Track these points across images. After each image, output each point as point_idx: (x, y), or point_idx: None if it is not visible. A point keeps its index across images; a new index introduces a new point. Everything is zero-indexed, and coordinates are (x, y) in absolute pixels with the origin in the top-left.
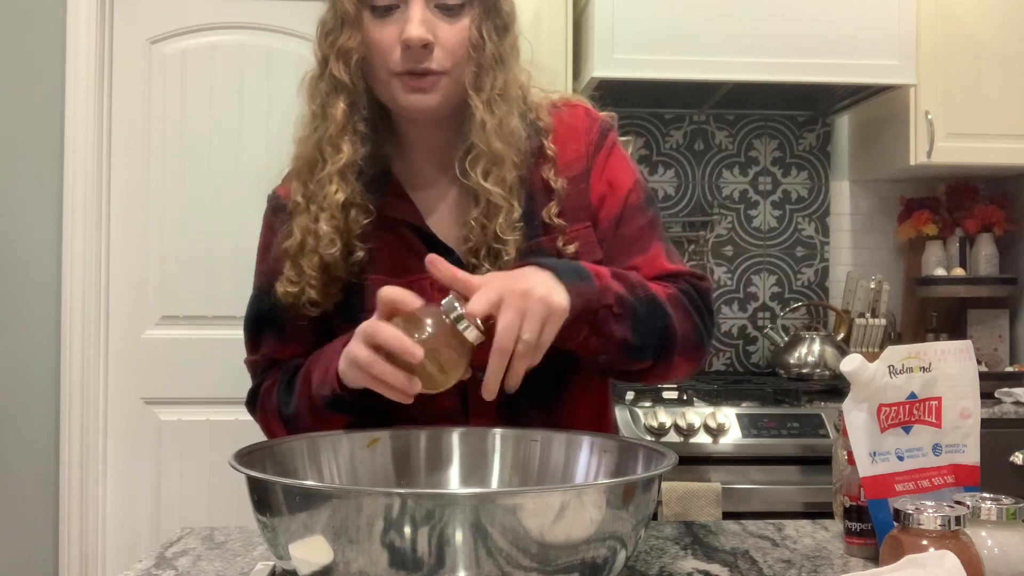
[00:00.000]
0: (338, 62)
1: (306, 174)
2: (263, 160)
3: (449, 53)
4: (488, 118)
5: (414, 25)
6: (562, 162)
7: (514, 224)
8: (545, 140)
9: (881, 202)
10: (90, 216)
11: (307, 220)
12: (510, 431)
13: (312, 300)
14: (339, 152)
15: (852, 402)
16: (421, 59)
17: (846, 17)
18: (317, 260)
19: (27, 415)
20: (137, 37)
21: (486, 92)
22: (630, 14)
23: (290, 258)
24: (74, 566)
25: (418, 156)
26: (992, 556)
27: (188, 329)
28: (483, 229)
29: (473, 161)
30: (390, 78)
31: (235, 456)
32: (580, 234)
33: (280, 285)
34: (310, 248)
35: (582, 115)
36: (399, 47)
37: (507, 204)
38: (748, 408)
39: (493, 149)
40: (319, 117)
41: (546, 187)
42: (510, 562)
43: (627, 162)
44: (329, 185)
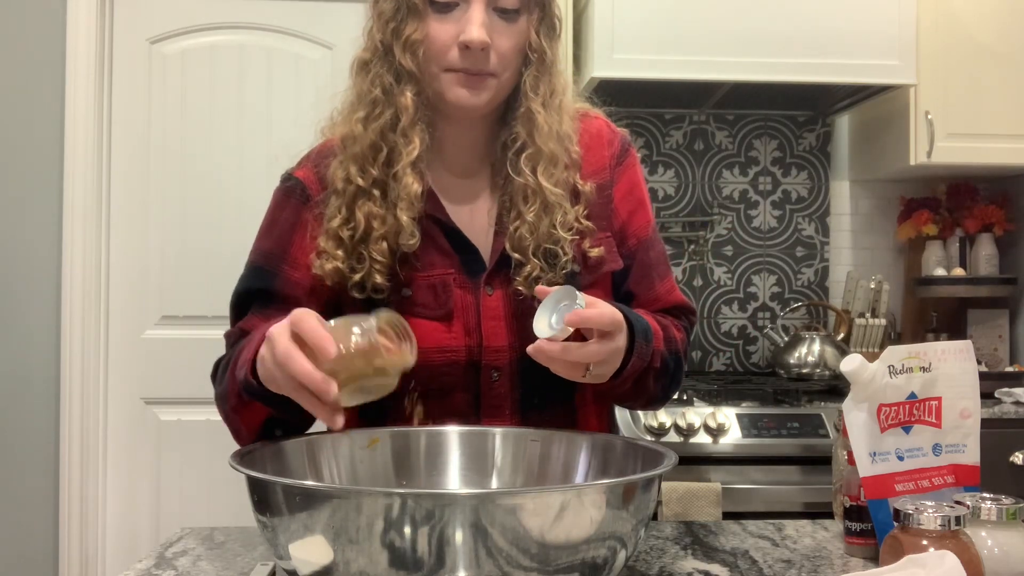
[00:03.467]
0: (405, 52)
1: (366, 159)
2: (264, 159)
3: (503, 56)
4: (545, 119)
5: (476, 27)
6: (587, 168)
7: (569, 224)
8: (570, 145)
9: (881, 202)
10: (90, 216)
11: (372, 206)
12: (510, 431)
13: (376, 285)
14: (411, 143)
15: (852, 402)
16: (478, 61)
17: (846, 17)
18: (386, 246)
19: (27, 415)
20: (137, 37)
21: (544, 95)
22: (630, 14)
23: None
24: (74, 566)
25: (449, 152)
26: (992, 556)
27: (188, 329)
28: (536, 226)
29: (529, 160)
30: (440, 73)
31: (235, 456)
32: (604, 242)
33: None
34: (379, 234)
35: (604, 127)
36: (455, 46)
37: (563, 204)
38: (748, 408)
39: (551, 150)
40: (382, 103)
41: (573, 191)
42: (510, 562)
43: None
44: (405, 176)
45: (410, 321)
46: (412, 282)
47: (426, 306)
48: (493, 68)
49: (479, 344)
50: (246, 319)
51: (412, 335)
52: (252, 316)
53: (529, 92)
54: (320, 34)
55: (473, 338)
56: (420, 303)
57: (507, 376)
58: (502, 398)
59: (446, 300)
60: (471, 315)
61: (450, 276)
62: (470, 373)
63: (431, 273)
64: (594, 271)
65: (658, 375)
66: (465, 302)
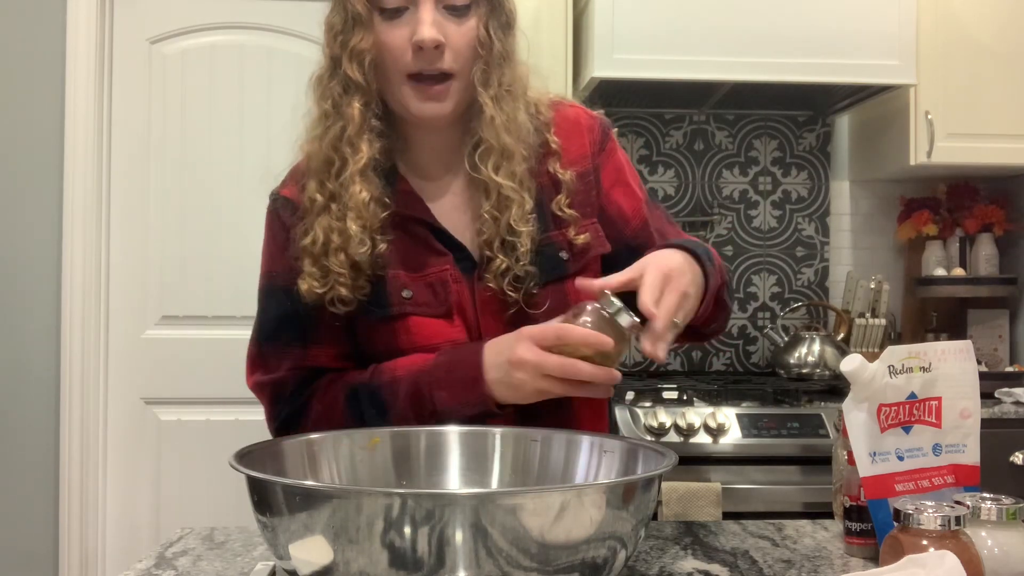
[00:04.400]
0: (351, 63)
1: (323, 173)
2: (264, 159)
3: (458, 53)
4: (497, 114)
5: (426, 27)
6: (567, 156)
7: (527, 216)
8: (548, 134)
9: (881, 202)
10: (90, 216)
11: (329, 219)
12: (510, 431)
13: (341, 297)
14: (358, 152)
15: (852, 402)
16: (433, 60)
17: (846, 17)
18: (344, 258)
19: (27, 415)
20: (137, 37)
21: (494, 88)
22: (630, 14)
23: (311, 257)
24: (74, 566)
25: (424, 154)
26: (992, 556)
27: (188, 329)
28: (496, 222)
29: (483, 156)
30: (402, 82)
31: (235, 456)
32: (589, 228)
33: (303, 283)
34: (336, 246)
35: (581, 114)
36: (410, 49)
37: (519, 196)
38: (748, 408)
39: (503, 144)
40: (332, 116)
41: (553, 180)
42: (510, 562)
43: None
44: (353, 185)
45: (413, 320)
46: (411, 283)
47: (427, 305)
48: (450, 67)
49: (479, 339)
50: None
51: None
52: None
53: (478, 87)
54: (320, 34)
55: (473, 333)
56: (422, 302)
57: None
58: None
59: (445, 297)
60: (469, 310)
61: (446, 272)
62: None
63: (428, 272)
64: (581, 257)
65: (727, 286)
66: (462, 298)
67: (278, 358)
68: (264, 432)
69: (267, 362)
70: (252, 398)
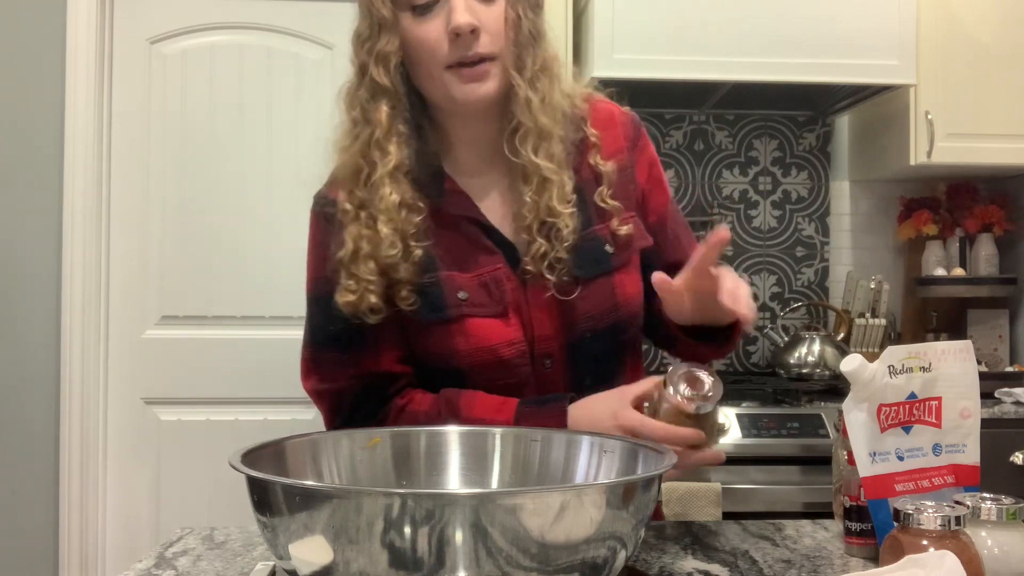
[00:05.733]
0: (378, 67)
1: (351, 182)
2: (264, 159)
3: (494, 36)
4: (532, 95)
5: (460, 12)
6: (605, 149)
7: (567, 197)
8: (586, 127)
9: (881, 202)
10: (90, 216)
11: (359, 227)
12: (510, 431)
13: (371, 306)
14: (387, 155)
15: (852, 402)
16: (470, 45)
17: (846, 17)
18: (374, 264)
19: (27, 415)
20: (137, 37)
21: (528, 69)
22: (630, 14)
23: (344, 267)
24: (74, 566)
25: (464, 150)
26: (992, 556)
27: (188, 329)
28: (535, 204)
29: (522, 139)
30: (441, 73)
31: (235, 456)
32: (631, 220)
33: (339, 296)
34: (365, 253)
35: (615, 109)
36: (446, 39)
37: (558, 178)
38: (748, 408)
39: (540, 125)
40: (361, 123)
41: (594, 173)
42: (510, 562)
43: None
44: (382, 188)
45: (470, 322)
46: (465, 284)
47: (483, 305)
48: (487, 50)
49: (532, 335)
50: (351, 358)
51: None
52: (366, 353)
53: (512, 69)
54: (320, 34)
55: (527, 330)
56: (478, 303)
57: (558, 362)
58: (555, 384)
59: (501, 296)
60: (523, 306)
61: (500, 271)
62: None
63: (481, 271)
64: (624, 249)
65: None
66: (516, 294)
67: (334, 365)
68: (264, 432)
69: (322, 369)
70: (252, 398)
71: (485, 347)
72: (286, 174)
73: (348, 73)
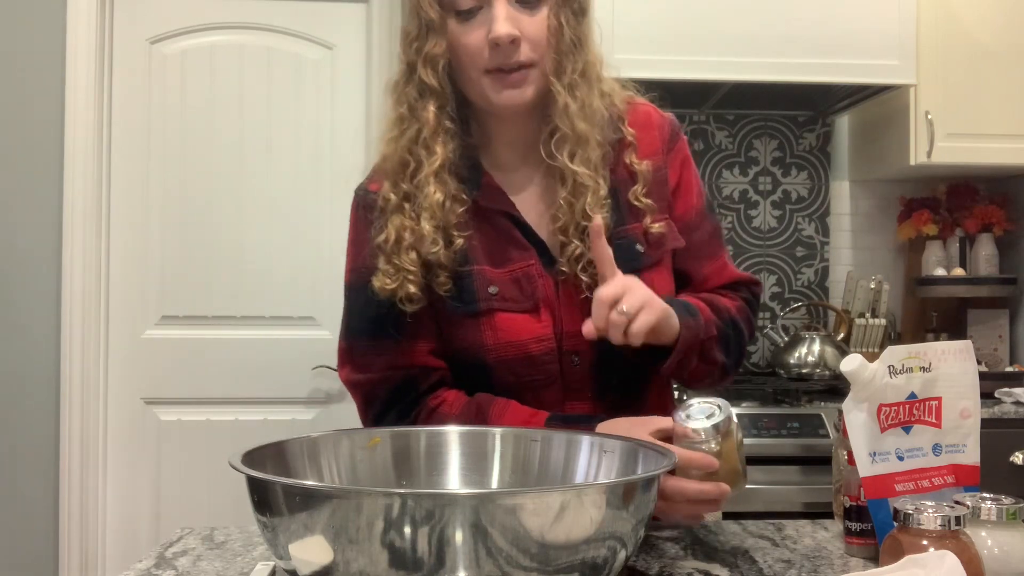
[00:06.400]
0: (426, 68)
1: (397, 174)
2: (264, 159)
3: (535, 44)
4: (571, 101)
5: (500, 23)
6: (642, 149)
7: (601, 201)
8: (623, 127)
9: (881, 202)
10: (90, 216)
11: (403, 218)
12: (510, 431)
13: (410, 295)
14: (433, 154)
15: (852, 402)
16: (510, 55)
17: (846, 17)
18: (416, 256)
19: (27, 415)
20: (137, 37)
21: (567, 76)
22: (630, 14)
23: (384, 254)
24: (74, 566)
25: (503, 147)
26: (992, 556)
27: (188, 329)
28: (571, 208)
29: (559, 144)
30: (480, 77)
31: (235, 456)
32: (663, 220)
33: (376, 280)
34: (408, 244)
35: (653, 111)
36: (487, 47)
37: (593, 183)
38: (748, 408)
39: (578, 131)
40: (408, 120)
41: (629, 172)
42: (510, 562)
43: (695, 167)
44: (427, 186)
45: (500, 316)
46: (497, 278)
47: (514, 300)
48: (527, 58)
49: (561, 331)
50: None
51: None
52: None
53: (551, 76)
54: (320, 34)
55: (558, 326)
56: (508, 297)
57: (586, 360)
58: (583, 382)
59: (532, 292)
60: (554, 303)
61: (531, 267)
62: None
63: (513, 267)
64: (656, 249)
65: (718, 342)
66: (547, 291)
67: (368, 356)
68: (264, 432)
69: (356, 359)
70: (252, 398)
71: (513, 342)
72: (286, 174)
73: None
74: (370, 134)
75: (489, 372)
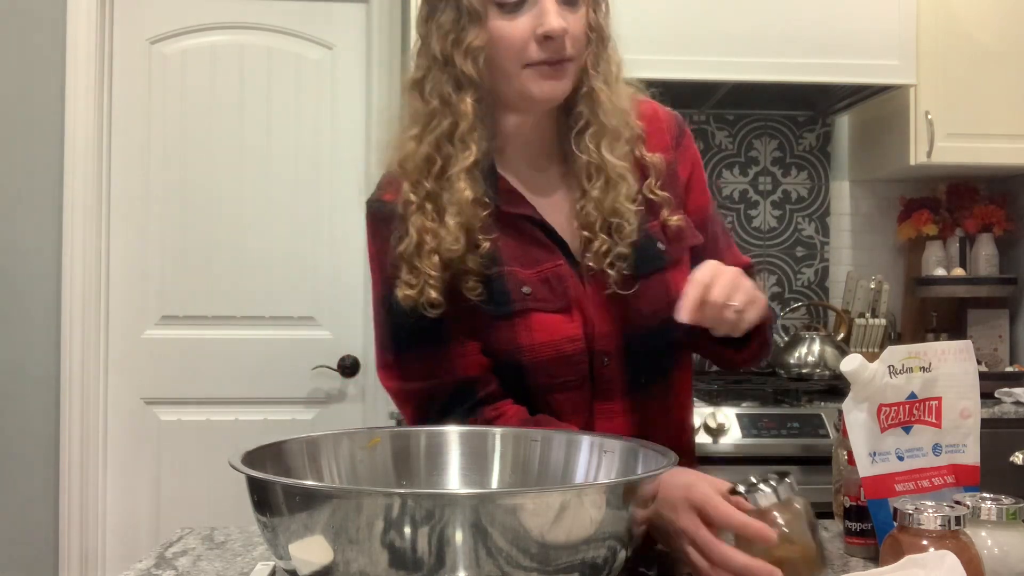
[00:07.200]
0: (467, 59)
1: (420, 173)
2: (264, 159)
3: (575, 40)
4: (607, 96)
5: (554, 17)
6: (651, 143)
7: (633, 196)
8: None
9: (881, 202)
10: (90, 216)
11: (424, 219)
12: (510, 431)
13: (431, 300)
14: (467, 149)
15: (852, 402)
16: (559, 49)
17: (846, 17)
18: (437, 259)
19: (27, 415)
20: (137, 37)
21: (603, 72)
22: (630, 14)
23: (405, 261)
24: (74, 566)
25: (517, 148)
26: (992, 556)
27: (188, 329)
28: (599, 203)
29: (593, 137)
30: (519, 71)
31: (235, 456)
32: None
33: (399, 290)
34: (430, 248)
35: (658, 107)
36: (533, 40)
37: (629, 176)
38: (748, 408)
39: (612, 125)
40: (440, 113)
41: (640, 166)
42: (510, 562)
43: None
44: (458, 183)
45: (536, 317)
46: (528, 279)
47: (546, 300)
48: (570, 53)
49: (593, 331)
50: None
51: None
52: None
53: (591, 71)
54: (320, 34)
55: (588, 325)
56: (541, 298)
57: (616, 359)
58: (612, 381)
59: (563, 291)
60: (583, 303)
61: (560, 267)
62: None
63: (541, 268)
64: (677, 244)
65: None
66: (577, 291)
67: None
68: (264, 432)
69: (407, 368)
70: (252, 398)
71: (549, 342)
72: (286, 174)
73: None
74: (370, 134)
75: (523, 374)
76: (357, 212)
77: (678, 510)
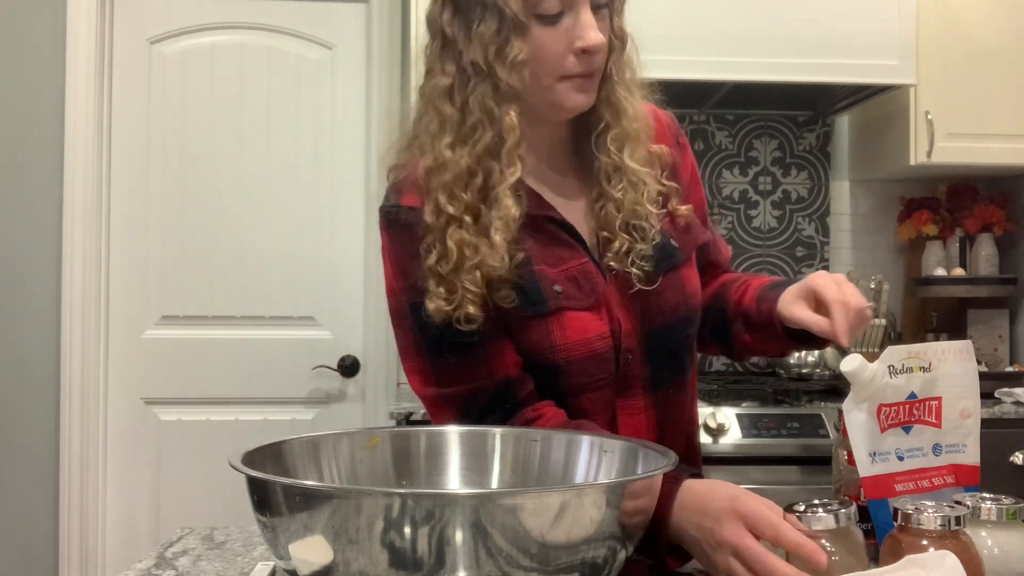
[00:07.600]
0: (512, 72)
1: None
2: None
3: (606, 51)
4: (629, 102)
5: (594, 31)
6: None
7: (654, 198)
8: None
9: (881, 202)
10: (90, 216)
11: (463, 233)
12: (510, 431)
13: (469, 316)
14: (513, 165)
15: (852, 402)
16: (597, 62)
17: (846, 17)
18: (479, 275)
19: (27, 415)
20: (137, 37)
21: (624, 76)
22: (629, 14)
23: (437, 275)
24: (74, 566)
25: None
26: (992, 556)
27: (188, 329)
28: (618, 204)
29: (614, 140)
30: (555, 83)
31: (235, 456)
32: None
33: (431, 302)
34: (472, 264)
35: (654, 108)
36: (571, 53)
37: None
38: (748, 408)
39: (634, 129)
40: (481, 127)
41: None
42: (510, 562)
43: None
44: (505, 199)
45: (569, 315)
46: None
47: (576, 298)
48: (601, 64)
49: (618, 328)
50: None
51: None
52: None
53: (615, 76)
54: (320, 34)
55: (613, 323)
56: (571, 296)
57: (638, 356)
58: (635, 379)
59: (591, 288)
60: (609, 300)
61: (586, 264)
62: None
63: (567, 266)
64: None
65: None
66: (603, 288)
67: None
68: (264, 432)
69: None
70: (252, 398)
71: (582, 340)
72: (286, 174)
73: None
74: (370, 134)
75: (557, 373)
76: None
77: (722, 521)
